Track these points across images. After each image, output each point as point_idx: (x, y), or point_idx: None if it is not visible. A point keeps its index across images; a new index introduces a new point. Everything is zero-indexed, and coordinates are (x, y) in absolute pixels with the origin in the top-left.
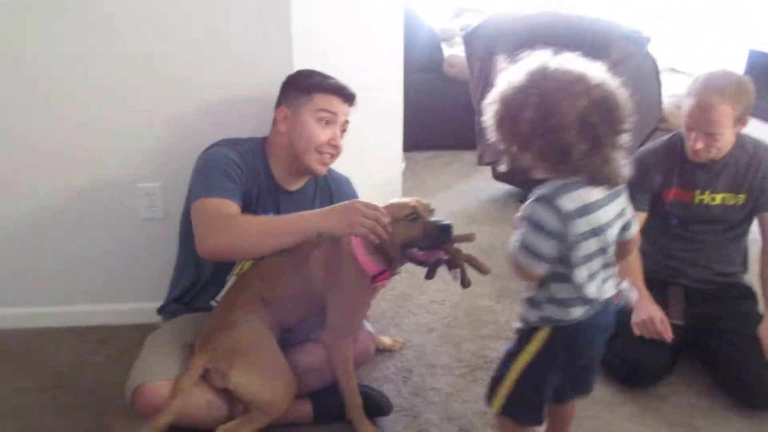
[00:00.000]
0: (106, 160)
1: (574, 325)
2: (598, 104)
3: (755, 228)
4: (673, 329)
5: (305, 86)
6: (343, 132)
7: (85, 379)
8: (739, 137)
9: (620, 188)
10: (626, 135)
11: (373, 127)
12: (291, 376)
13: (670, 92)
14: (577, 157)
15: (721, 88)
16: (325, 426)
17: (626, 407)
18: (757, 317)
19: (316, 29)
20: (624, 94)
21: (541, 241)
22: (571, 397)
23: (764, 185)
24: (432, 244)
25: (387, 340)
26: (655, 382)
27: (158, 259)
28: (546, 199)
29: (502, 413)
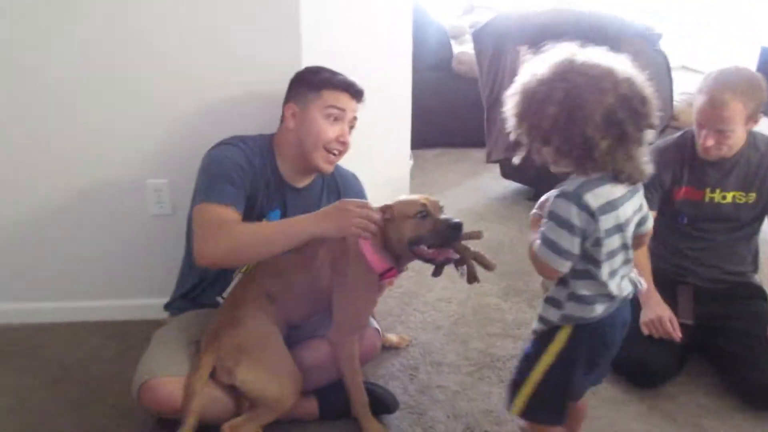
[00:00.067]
0: (115, 157)
1: (596, 322)
2: (626, 100)
3: (766, 227)
4: (682, 329)
5: (314, 83)
6: (351, 128)
7: (92, 374)
8: (751, 135)
9: (638, 183)
10: (651, 131)
11: (381, 125)
12: (297, 373)
13: (681, 90)
14: (601, 153)
15: (733, 84)
16: (331, 423)
17: (634, 407)
18: (767, 317)
19: (324, 26)
20: (651, 90)
21: (565, 238)
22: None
23: None
24: (442, 242)
25: (393, 337)
26: (664, 382)
27: (166, 255)
28: (571, 196)
29: (523, 417)
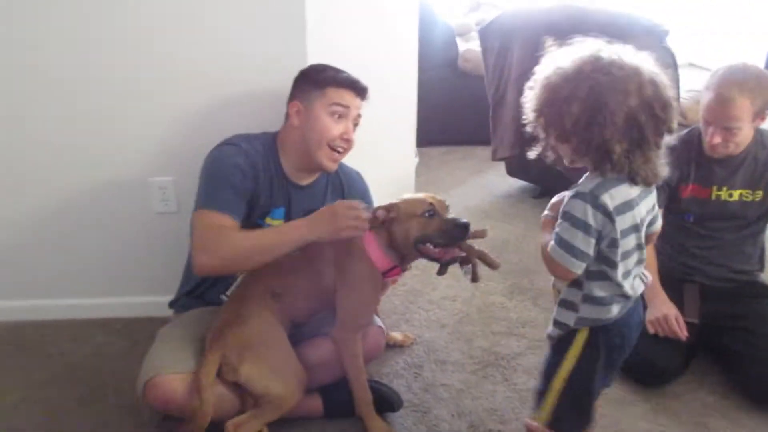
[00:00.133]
0: (120, 156)
1: (612, 323)
2: (648, 104)
3: None
4: (687, 327)
5: (318, 80)
6: (355, 126)
7: (98, 371)
8: (758, 132)
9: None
10: (670, 135)
11: (387, 122)
12: (301, 370)
13: (688, 87)
14: (619, 156)
15: (740, 81)
16: (335, 421)
17: (639, 406)
18: None
19: (330, 23)
20: (673, 92)
21: (580, 239)
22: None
23: None
24: (448, 241)
25: (398, 335)
26: (669, 381)
27: (171, 252)
28: (587, 196)
29: (551, 428)
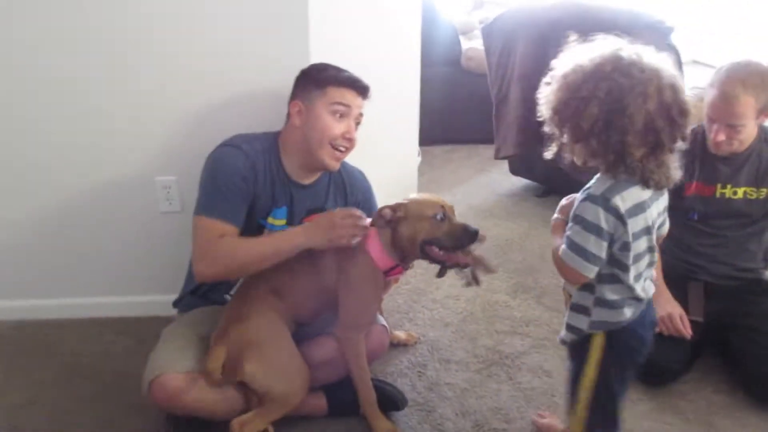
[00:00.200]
0: (124, 155)
1: (626, 325)
2: (667, 109)
3: None
4: (692, 326)
5: (319, 79)
6: (357, 125)
7: (104, 370)
8: (762, 129)
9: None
10: (684, 141)
11: (390, 121)
12: (305, 368)
13: (691, 84)
14: (633, 160)
15: (744, 78)
16: (340, 420)
17: (644, 404)
18: None
19: (332, 22)
20: (690, 98)
21: (593, 242)
22: None
23: None
24: (456, 246)
25: (401, 334)
26: (674, 380)
27: (175, 252)
28: (598, 199)
29: None
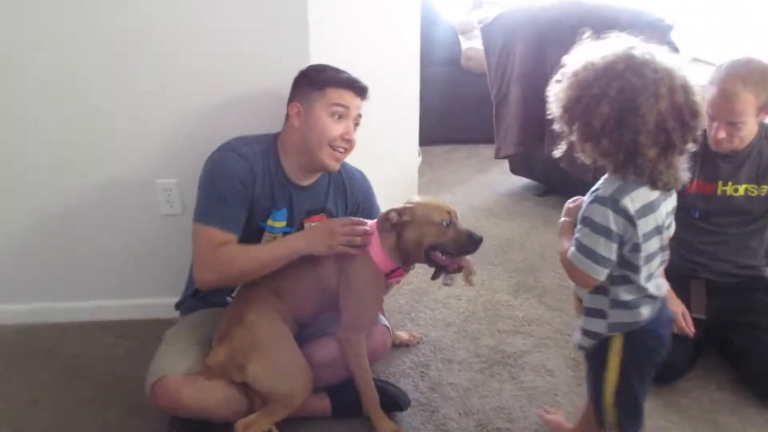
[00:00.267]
0: (124, 158)
1: (645, 325)
2: (678, 110)
3: None
4: (695, 323)
5: (317, 81)
6: (356, 126)
7: (106, 373)
8: (763, 127)
9: None
10: (695, 143)
11: (390, 121)
12: (307, 369)
13: (692, 82)
14: (644, 160)
15: (744, 76)
16: (343, 421)
17: (648, 403)
18: None
19: (332, 23)
20: (702, 99)
21: (602, 245)
22: None
23: None
24: (460, 252)
25: (404, 334)
26: (678, 378)
27: (176, 254)
28: (607, 200)
29: None
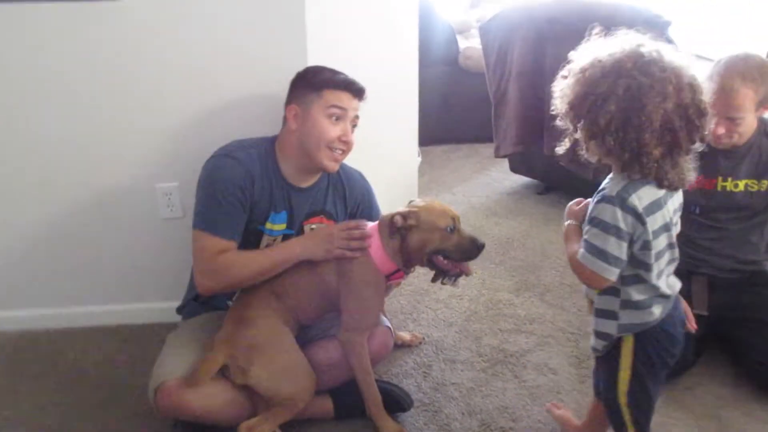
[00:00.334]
0: (124, 162)
1: (657, 324)
2: (685, 109)
3: None
4: (696, 319)
5: (314, 83)
6: (353, 127)
7: (109, 378)
8: (762, 122)
9: None
10: (702, 142)
11: (389, 122)
12: (310, 370)
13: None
14: (649, 159)
15: (743, 71)
16: (347, 422)
17: None
18: None
19: (330, 24)
20: (708, 98)
21: (612, 244)
22: None
23: None
24: (462, 258)
25: (406, 335)
26: (681, 374)
27: (178, 258)
28: (614, 199)
29: None
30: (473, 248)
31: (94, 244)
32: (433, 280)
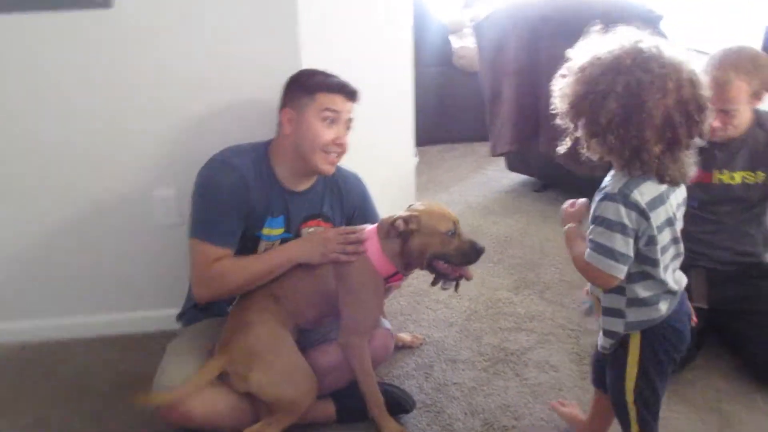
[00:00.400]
0: (121, 170)
1: (663, 321)
2: (685, 104)
3: None
4: (696, 313)
5: (308, 86)
6: (348, 129)
7: (110, 386)
8: (757, 114)
9: None
10: (702, 137)
11: (385, 123)
12: (311, 373)
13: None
14: (649, 156)
15: (736, 63)
16: (349, 426)
17: None
18: None
19: (323, 26)
20: (708, 93)
21: (619, 241)
22: None
23: None
24: (462, 262)
25: (406, 336)
26: (681, 368)
27: (176, 265)
28: (617, 196)
29: None
30: (473, 252)
31: (92, 252)
32: (433, 283)
